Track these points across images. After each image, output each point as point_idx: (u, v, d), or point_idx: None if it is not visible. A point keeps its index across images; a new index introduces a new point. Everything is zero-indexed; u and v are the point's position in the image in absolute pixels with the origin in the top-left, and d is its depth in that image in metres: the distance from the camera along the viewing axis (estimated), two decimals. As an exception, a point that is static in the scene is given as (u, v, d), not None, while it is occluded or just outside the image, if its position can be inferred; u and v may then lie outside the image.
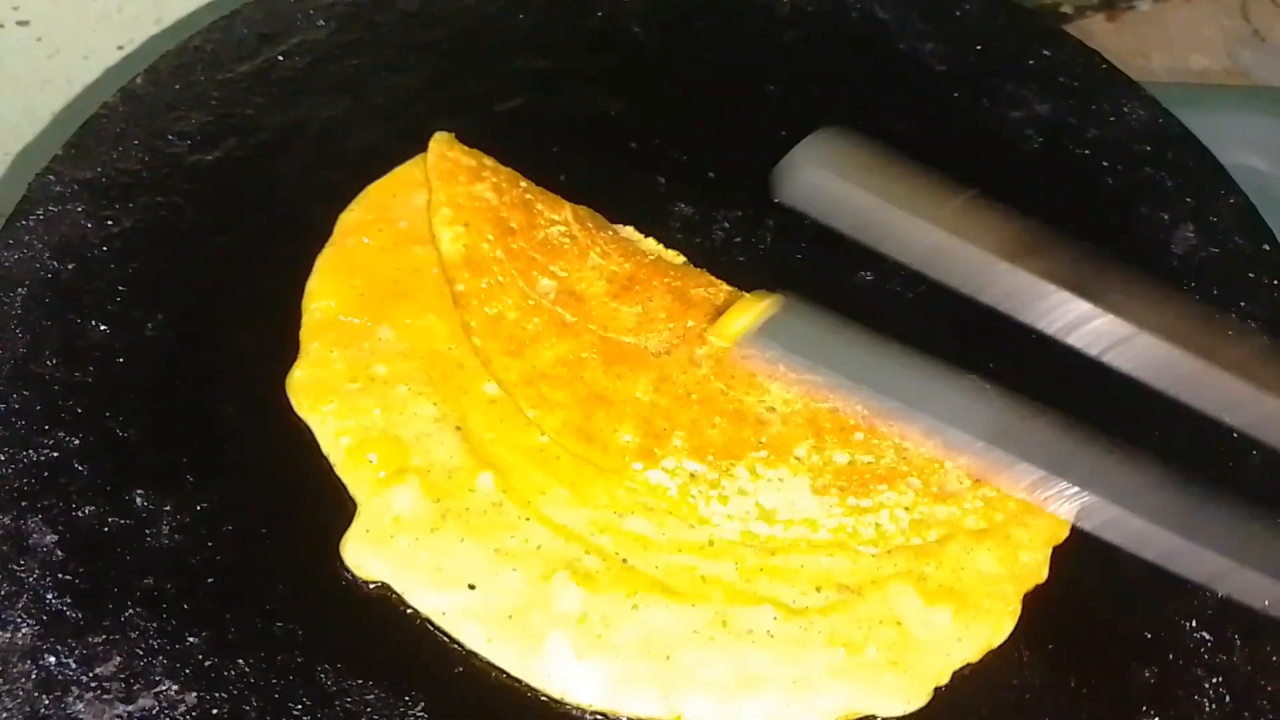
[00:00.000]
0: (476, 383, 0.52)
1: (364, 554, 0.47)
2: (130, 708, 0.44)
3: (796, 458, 0.50)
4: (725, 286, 0.56)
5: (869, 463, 0.50)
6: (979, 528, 0.49)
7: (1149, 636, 0.48)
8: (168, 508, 0.48)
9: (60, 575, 0.46)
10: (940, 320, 0.57)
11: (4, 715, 0.43)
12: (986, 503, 0.49)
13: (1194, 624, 0.48)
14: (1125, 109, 0.65)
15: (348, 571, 0.47)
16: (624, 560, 0.48)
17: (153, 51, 0.65)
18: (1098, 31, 1.16)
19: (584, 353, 0.53)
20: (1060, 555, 0.49)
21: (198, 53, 0.63)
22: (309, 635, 0.46)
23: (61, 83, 0.84)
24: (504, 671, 0.46)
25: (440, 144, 0.58)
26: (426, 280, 0.55)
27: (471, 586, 0.47)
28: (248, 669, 0.45)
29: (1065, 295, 0.45)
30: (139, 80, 0.62)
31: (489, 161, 0.59)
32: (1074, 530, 0.50)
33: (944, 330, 0.56)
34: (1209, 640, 0.48)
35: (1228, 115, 0.87)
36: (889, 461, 0.50)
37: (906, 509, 0.49)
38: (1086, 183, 0.62)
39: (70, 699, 0.44)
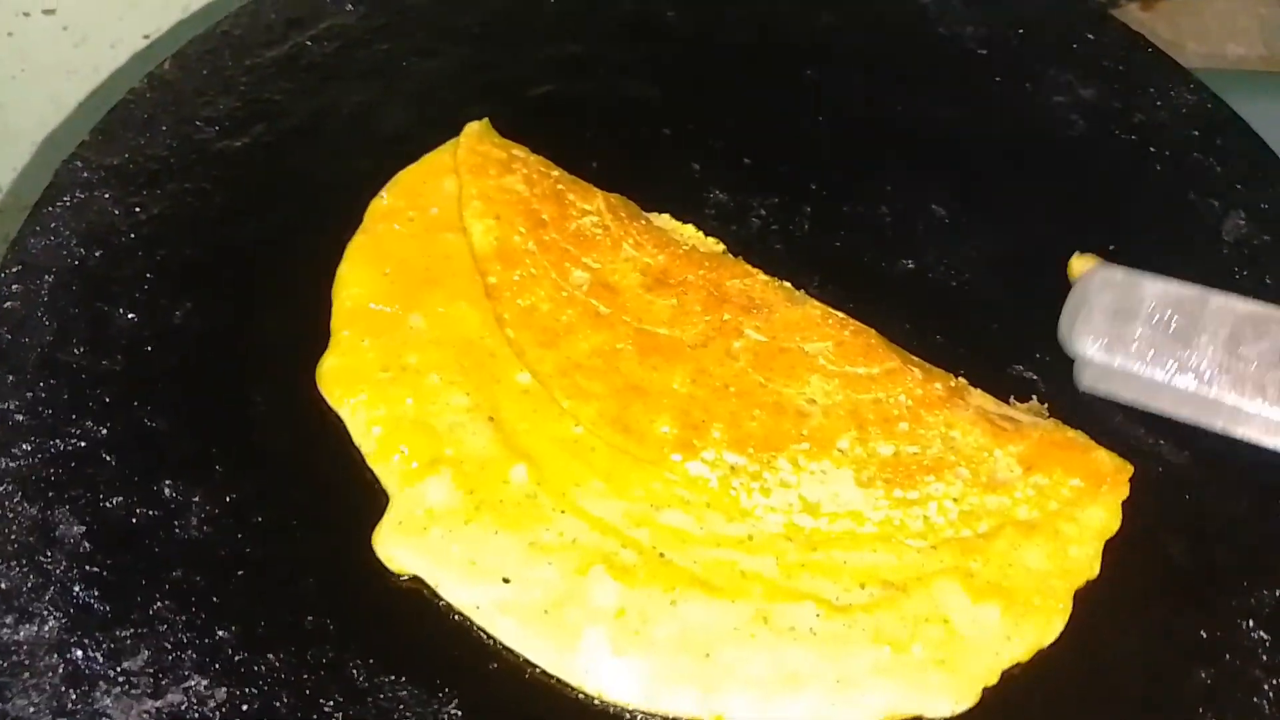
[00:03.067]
0: (509, 372, 0.51)
1: (396, 546, 0.46)
2: (159, 703, 0.43)
3: (840, 450, 0.48)
4: (761, 276, 0.55)
5: (915, 454, 0.48)
6: (1030, 518, 0.47)
7: (1205, 636, 0.46)
8: (196, 499, 0.47)
9: (88, 567, 0.45)
10: (983, 310, 0.56)
11: (31, 710, 0.42)
12: (1039, 491, 0.47)
13: (1251, 623, 0.47)
14: (1172, 93, 0.63)
15: (380, 565, 0.46)
16: (661, 555, 0.46)
17: (180, 39, 0.64)
18: (1133, 19, 1.14)
19: (619, 344, 0.51)
20: (1112, 550, 0.48)
21: (225, 38, 0.62)
22: (340, 630, 0.45)
23: (88, 71, 0.84)
24: (539, 668, 0.45)
25: (473, 133, 0.57)
26: (458, 267, 0.54)
27: (506, 580, 0.46)
28: (278, 664, 0.44)
29: None
30: (166, 66, 0.61)
31: (519, 151, 0.57)
32: (1126, 525, 0.48)
33: (988, 319, 0.55)
34: (1267, 640, 0.46)
35: (1268, 102, 0.85)
36: (936, 451, 0.48)
37: (955, 500, 0.47)
38: (1134, 169, 0.61)
39: (98, 694, 0.43)
